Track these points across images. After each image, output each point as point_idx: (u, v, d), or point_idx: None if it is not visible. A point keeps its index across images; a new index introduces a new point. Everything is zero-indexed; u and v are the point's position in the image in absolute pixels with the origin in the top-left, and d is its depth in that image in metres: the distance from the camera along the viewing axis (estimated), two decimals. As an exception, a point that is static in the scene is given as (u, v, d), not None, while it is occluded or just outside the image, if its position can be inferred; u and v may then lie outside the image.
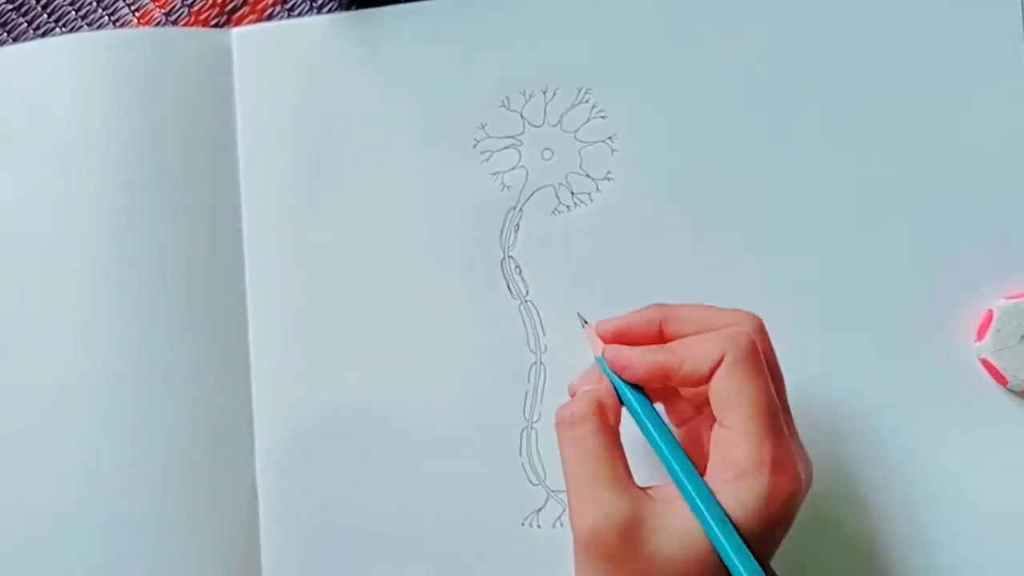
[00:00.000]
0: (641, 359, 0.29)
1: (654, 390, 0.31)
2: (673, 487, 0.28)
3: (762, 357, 0.28)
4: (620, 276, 0.37)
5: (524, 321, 0.37)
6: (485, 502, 0.37)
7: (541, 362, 0.37)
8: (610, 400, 0.30)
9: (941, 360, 0.35)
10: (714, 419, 0.28)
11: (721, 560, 0.26)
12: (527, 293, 0.37)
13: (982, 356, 0.34)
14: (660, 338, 0.30)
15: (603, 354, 0.31)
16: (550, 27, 0.38)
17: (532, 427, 0.37)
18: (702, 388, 0.29)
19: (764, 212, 0.36)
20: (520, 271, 0.37)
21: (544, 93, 0.38)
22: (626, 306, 0.36)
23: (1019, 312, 0.33)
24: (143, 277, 0.38)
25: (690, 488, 0.27)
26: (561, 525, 0.36)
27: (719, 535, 0.26)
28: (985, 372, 0.34)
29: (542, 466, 0.37)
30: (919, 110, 0.35)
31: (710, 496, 0.27)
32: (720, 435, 0.28)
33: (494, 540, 0.37)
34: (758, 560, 0.26)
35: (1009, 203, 0.35)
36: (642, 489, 0.29)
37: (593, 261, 0.37)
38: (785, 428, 0.28)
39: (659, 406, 0.31)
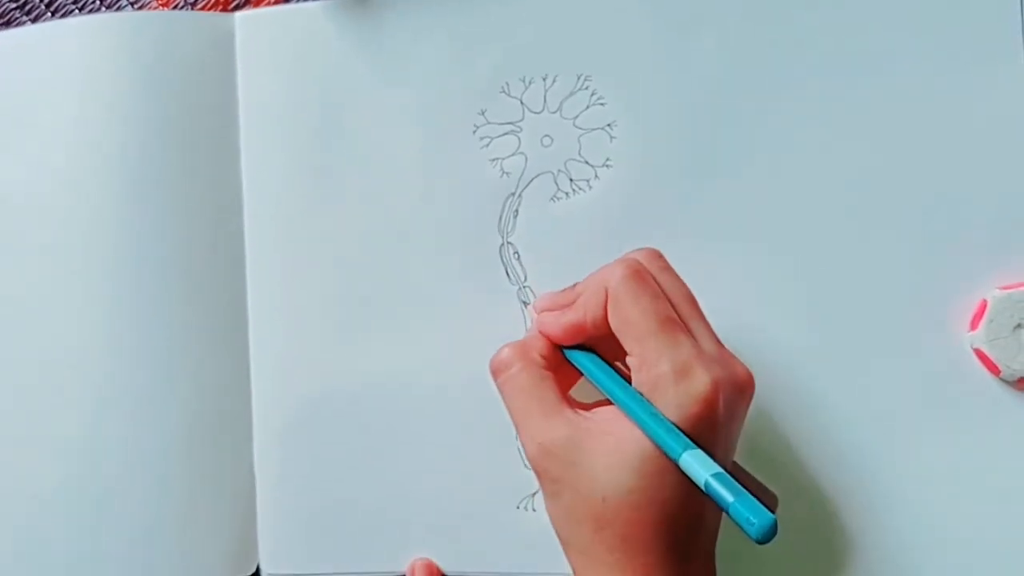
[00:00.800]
0: (556, 323, 0.31)
1: (606, 349, 0.31)
2: (611, 408, 0.29)
3: (646, 276, 0.29)
4: (617, 263, 0.37)
5: (522, 307, 0.37)
6: (481, 485, 0.37)
7: (538, 347, 0.37)
8: (536, 343, 0.32)
9: (934, 349, 0.35)
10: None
11: (658, 468, 0.27)
12: (525, 279, 0.38)
13: (975, 346, 0.34)
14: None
15: (537, 325, 0.32)
16: (550, 14, 0.38)
17: (528, 411, 0.37)
18: None
19: (761, 201, 0.36)
20: (519, 257, 0.38)
21: (544, 80, 0.38)
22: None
23: (1012, 302, 0.34)
24: (145, 260, 0.38)
25: (617, 389, 0.29)
26: (556, 509, 0.37)
27: (641, 415, 0.27)
28: (978, 362, 0.34)
29: (538, 450, 0.37)
30: (915, 101, 0.35)
31: (637, 394, 0.28)
32: (629, 362, 0.29)
33: (489, 523, 0.37)
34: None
35: (1004, 194, 0.35)
36: (580, 412, 0.30)
37: (591, 247, 0.37)
38: (687, 337, 0.29)
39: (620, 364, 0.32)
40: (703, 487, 0.26)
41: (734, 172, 0.36)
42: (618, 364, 0.31)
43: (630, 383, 0.29)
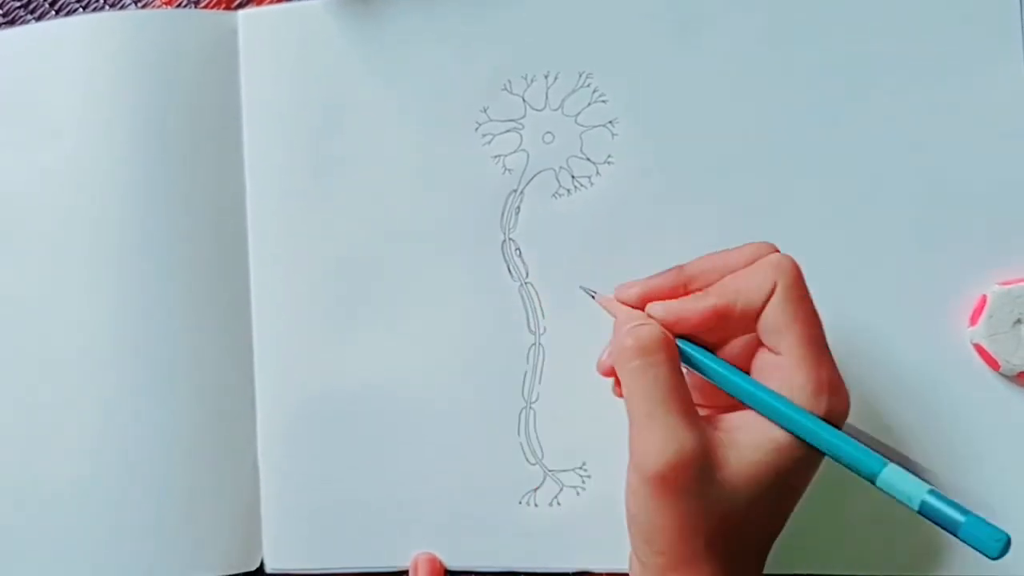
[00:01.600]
0: (694, 307, 0.28)
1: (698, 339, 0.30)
2: (735, 417, 0.28)
3: (805, 284, 0.28)
4: (619, 259, 0.37)
5: (524, 303, 0.38)
6: (484, 481, 0.37)
7: (540, 343, 0.37)
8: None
9: (934, 344, 0.35)
10: (748, 351, 0.29)
11: (793, 476, 0.27)
12: (527, 275, 0.38)
13: (975, 341, 0.34)
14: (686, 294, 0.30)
15: (648, 311, 0.30)
16: (552, 11, 0.38)
17: (530, 407, 0.37)
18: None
19: (762, 197, 0.36)
20: (520, 253, 0.38)
21: (546, 77, 0.38)
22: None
23: (1012, 298, 0.34)
24: (148, 259, 0.39)
25: (771, 400, 0.27)
26: (558, 504, 0.37)
27: (821, 432, 0.27)
28: (978, 357, 0.35)
29: (540, 446, 0.37)
30: (915, 99, 0.36)
31: (794, 405, 0.27)
32: (776, 363, 0.28)
33: (492, 518, 0.37)
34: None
35: (1003, 190, 0.35)
36: (708, 421, 0.28)
37: (593, 244, 0.37)
38: (830, 353, 0.28)
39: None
40: (916, 508, 0.25)
41: (735, 169, 0.37)
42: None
43: None
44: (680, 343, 0.29)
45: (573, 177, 0.38)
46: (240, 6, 0.41)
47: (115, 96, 0.39)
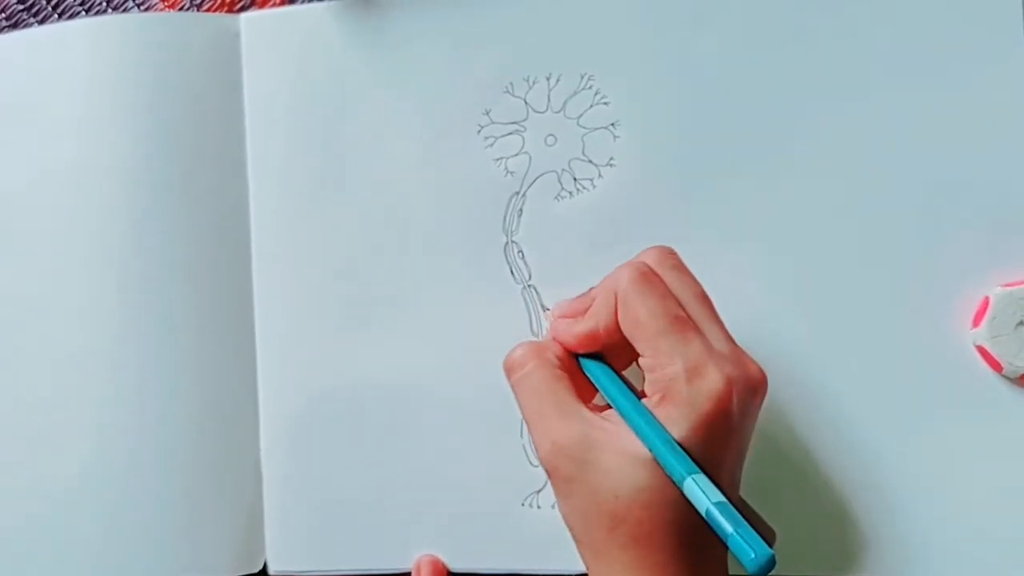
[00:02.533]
0: (570, 331, 0.31)
1: (621, 355, 0.31)
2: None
3: (652, 277, 0.29)
4: (621, 261, 0.36)
5: (526, 305, 0.38)
6: (486, 483, 0.37)
7: (542, 345, 0.37)
8: (552, 344, 0.32)
9: (936, 346, 0.35)
10: None
11: (668, 479, 0.27)
12: (529, 278, 0.38)
13: (977, 343, 0.34)
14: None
15: (549, 331, 0.33)
16: (554, 13, 0.38)
17: (533, 409, 0.37)
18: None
19: (764, 198, 0.36)
20: (523, 256, 0.38)
21: (548, 79, 0.38)
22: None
23: (1015, 299, 0.34)
24: (151, 260, 0.39)
25: (627, 407, 0.28)
26: (560, 506, 0.37)
27: (647, 432, 0.27)
28: (980, 359, 0.35)
29: (542, 448, 0.37)
30: (917, 98, 0.36)
31: (646, 410, 0.28)
32: (642, 364, 0.29)
33: (495, 520, 0.37)
34: (694, 461, 0.27)
35: (1006, 191, 0.35)
36: (596, 411, 0.30)
37: (595, 247, 0.37)
38: (698, 336, 0.28)
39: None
40: (704, 514, 0.26)
41: (737, 170, 0.37)
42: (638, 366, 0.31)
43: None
44: (583, 360, 0.31)
45: (575, 179, 0.38)
46: (243, 9, 0.41)
47: (117, 99, 0.39)
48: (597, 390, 0.31)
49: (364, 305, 0.39)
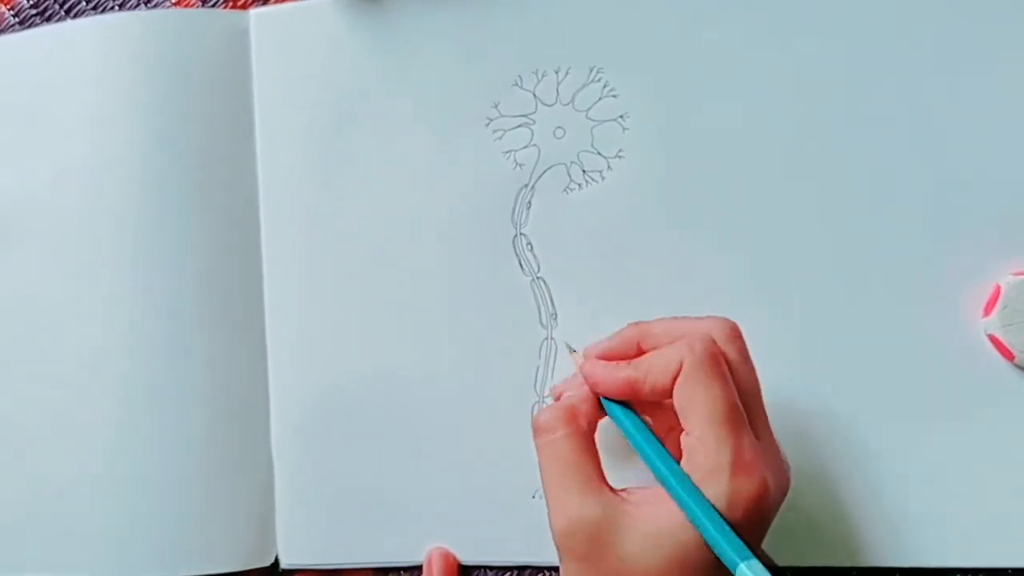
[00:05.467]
0: (609, 376, 0.30)
1: (639, 403, 0.31)
2: (650, 491, 0.29)
3: (722, 361, 0.29)
4: (630, 254, 0.37)
5: (536, 297, 0.38)
6: (497, 476, 0.37)
7: (552, 338, 0.37)
8: (584, 406, 0.31)
9: (948, 335, 0.35)
10: None
11: (695, 559, 0.27)
12: (539, 270, 0.38)
13: (989, 331, 0.34)
14: (640, 355, 0.31)
15: (580, 370, 0.32)
16: (562, 6, 0.38)
17: (543, 402, 0.37)
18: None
19: (774, 189, 0.36)
20: (532, 248, 0.38)
21: (556, 72, 0.38)
22: (636, 284, 0.37)
23: (1026, 288, 0.34)
24: (163, 256, 0.39)
25: (670, 476, 0.28)
26: (571, 498, 0.37)
27: (699, 516, 0.27)
28: (992, 347, 0.35)
29: (553, 440, 0.37)
30: (930, 88, 0.36)
31: (692, 485, 0.27)
32: (686, 442, 0.28)
33: (505, 513, 0.37)
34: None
35: (1017, 180, 0.35)
36: (617, 492, 0.29)
37: (604, 238, 0.37)
38: (748, 432, 0.28)
39: (648, 418, 0.31)
40: None
41: (746, 161, 0.37)
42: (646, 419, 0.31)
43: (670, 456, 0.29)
44: (608, 404, 0.31)
45: (584, 172, 0.38)
46: (252, 5, 0.42)
47: (127, 96, 0.39)
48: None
49: (373, 299, 0.39)
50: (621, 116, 0.37)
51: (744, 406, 0.29)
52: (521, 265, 0.38)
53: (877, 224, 0.36)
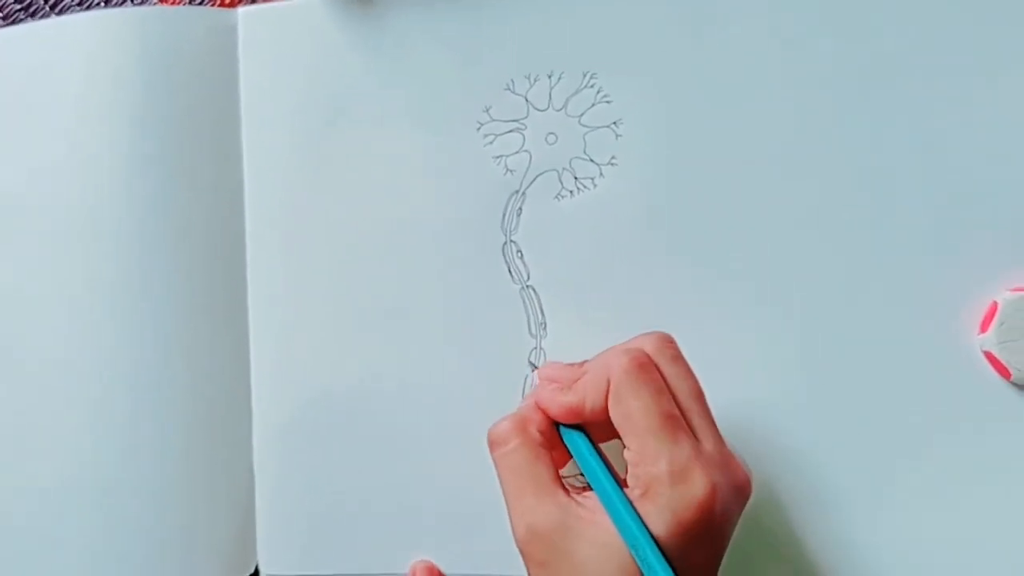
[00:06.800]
0: (553, 401, 0.31)
1: (601, 425, 0.31)
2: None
3: (651, 368, 0.29)
4: (622, 262, 0.37)
5: (525, 306, 0.37)
6: (483, 486, 0.36)
7: (541, 347, 0.37)
8: (536, 415, 0.31)
9: (944, 352, 0.34)
10: None
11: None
12: (528, 278, 0.37)
13: (985, 348, 0.34)
14: None
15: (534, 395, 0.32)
16: (556, 10, 0.37)
17: (531, 412, 0.37)
18: None
19: (768, 199, 0.36)
20: (522, 256, 0.37)
21: (549, 77, 0.37)
22: (627, 292, 0.36)
23: (1023, 304, 0.33)
24: (145, 257, 0.38)
25: (611, 495, 0.28)
26: (558, 511, 0.36)
27: (635, 533, 0.27)
28: (988, 365, 0.34)
29: (540, 451, 0.36)
30: (925, 102, 0.35)
31: (629, 504, 0.27)
32: (627, 456, 0.29)
33: (491, 524, 0.36)
34: (672, 566, 0.26)
35: (1013, 196, 0.35)
36: (573, 496, 0.29)
37: (595, 246, 0.37)
38: (687, 437, 0.28)
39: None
40: None
41: (741, 170, 0.36)
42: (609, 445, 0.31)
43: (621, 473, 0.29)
44: (562, 428, 0.31)
45: (576, 178, 0.37)
46: (240, 3, 0.41)
47: (113, 94, 0.39)
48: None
49: (359, 305, 0.38)
50: (614, 122, 0.37)
51: (684, 411, 0.29)
52: (511, 273, 0.37)
53: (873, 240, 0.35)
